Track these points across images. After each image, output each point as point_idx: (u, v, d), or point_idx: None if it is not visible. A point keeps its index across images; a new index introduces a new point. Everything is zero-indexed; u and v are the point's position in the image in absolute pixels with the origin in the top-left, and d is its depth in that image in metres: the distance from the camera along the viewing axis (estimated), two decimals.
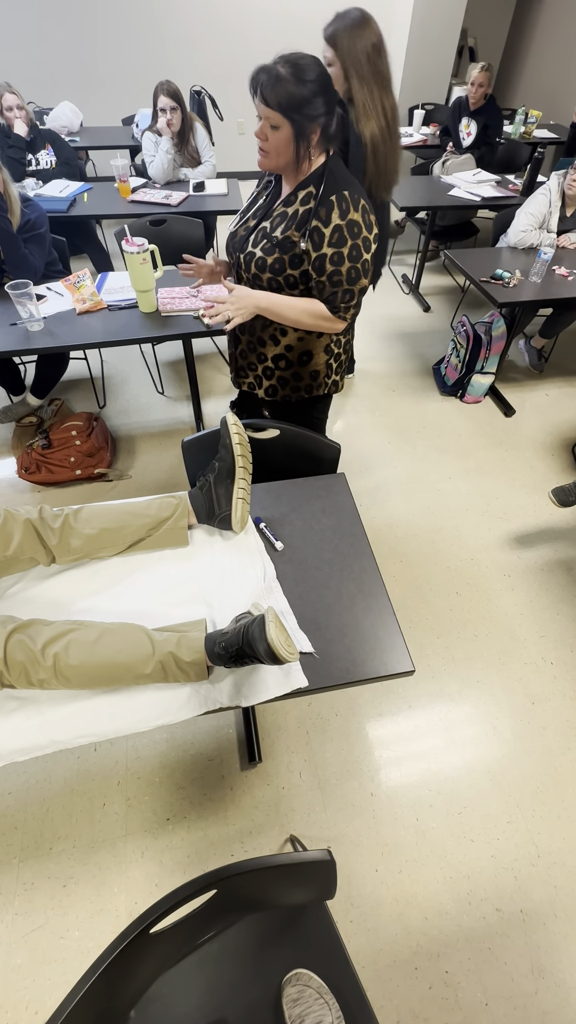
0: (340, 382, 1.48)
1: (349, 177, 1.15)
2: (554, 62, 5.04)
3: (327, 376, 1.43)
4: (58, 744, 0.84)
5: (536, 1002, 1.16)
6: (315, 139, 1.09)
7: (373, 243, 1.16)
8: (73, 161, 3.16)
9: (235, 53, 4.77)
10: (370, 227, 1.15)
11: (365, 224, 1.14)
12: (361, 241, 1.13)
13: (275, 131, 1.06)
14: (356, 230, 1.12)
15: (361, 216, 1.13)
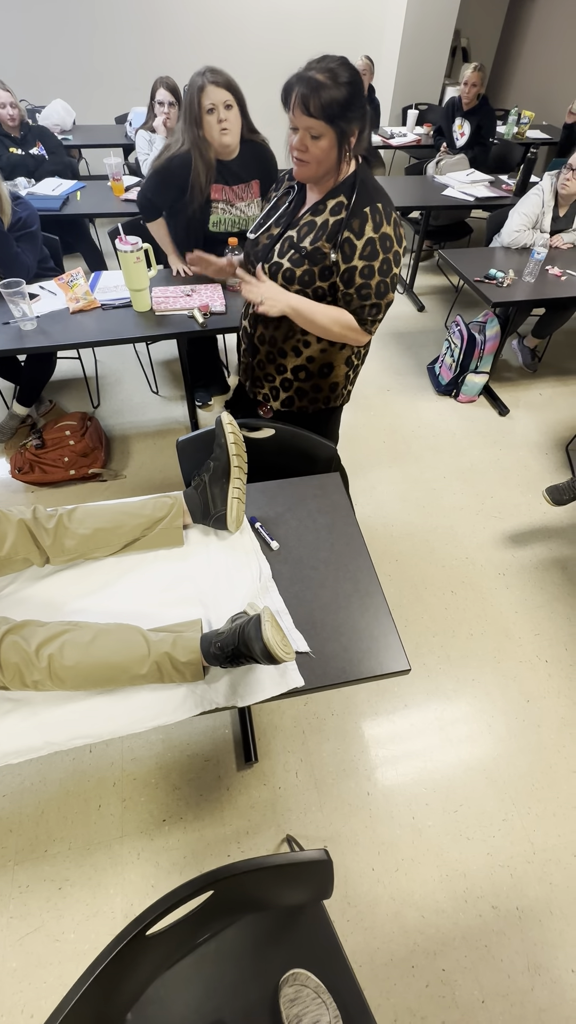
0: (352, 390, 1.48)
1: (380, 187, 1.12)
2: (547, 63, 5.07)
3: (344, 387, 1.42)
4: (53, 746, 0.84)
5: (532, 999, 1.16)
6: (354, 143, 1.05)
7: (402, 255, 1.15)
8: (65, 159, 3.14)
9: (230, 52, 4.76)
10: (400, 240, 1.13)
11: (396, 238, 1.12)
12: (392, 255, 1.11)
13: (316, 140, 1.02)
14: (388, 244, 1.10)
15: (393, 229, 1.11)
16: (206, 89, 1.67)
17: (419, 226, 3.42)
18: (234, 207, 1.92)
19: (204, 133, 1.73)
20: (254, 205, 1.96)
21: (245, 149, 1.84)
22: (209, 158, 1.77)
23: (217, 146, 1.76)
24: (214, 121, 1.70)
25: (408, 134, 4.19)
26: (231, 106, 1.71)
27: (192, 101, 1.69)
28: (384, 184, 3.31)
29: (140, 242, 1.76)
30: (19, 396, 2.33)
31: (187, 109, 1.71)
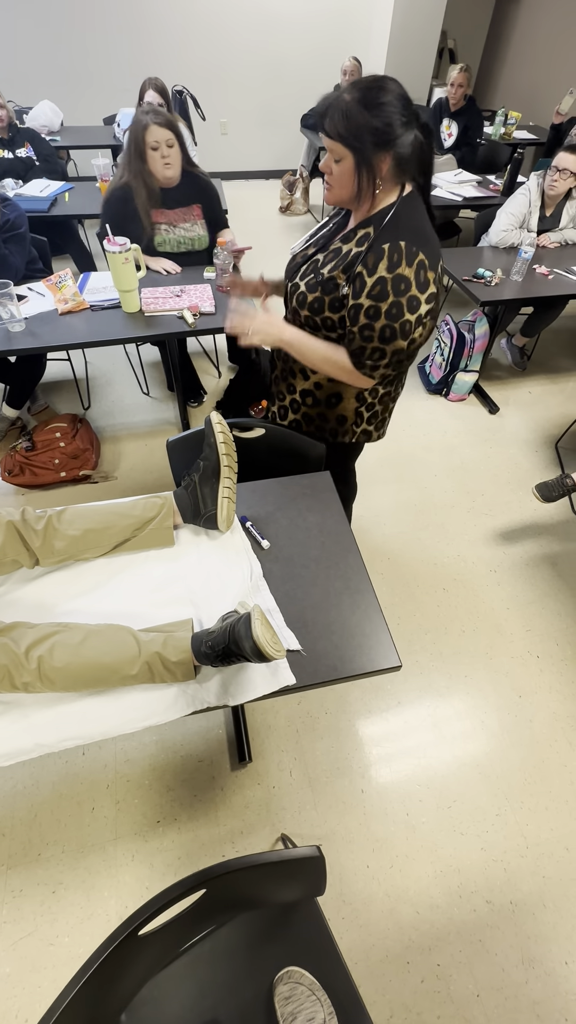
0: (375, 433, 1.36)
1: (418, 224, 1.01)
2: (533, 64, 5.11)
3: (355, 424, 1.31)
4: (44, 748, 0.83)
5: (526, 992, 1.17)
6: (384, 169, 0.96)
7: (424, 303, 1.01)
8: (53, 160, 3.13)
9: (217, 53, 4.76)
10: (424, 285, 1.00)
11: (417, 282, 0.99)
12: (406, 300, 0.99)
13: (338, 164, 0.97)
14: (403, 287, 0.99)
15: (414, 273, 0.98)
16: (150, 128, 1.85)
17: None
18: (176, 228, 2.13)
19: (149, 167, 1.93)
20: (198, 226, 2.17)
21: (185, 179, 2.05)
22: (153, 187, 1.98)
23: (161, 179, 1.98)
24: (158, 157, 1.91)
25: None
26: (172, 145, 1.91)
27: (138, 138, 1.88)
28: None
29: (128, 243, 1.75)
30: (8, 398, 2.32)
31: (132, 144, 1.90)
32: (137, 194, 1.96)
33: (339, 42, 4.92)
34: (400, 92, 0.92)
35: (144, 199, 1.98)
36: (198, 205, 2.12)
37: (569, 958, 1.21)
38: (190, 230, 2.14)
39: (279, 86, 5.08)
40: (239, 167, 5.51)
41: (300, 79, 5.05)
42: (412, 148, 0.95)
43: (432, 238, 1.03)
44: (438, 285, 1.04)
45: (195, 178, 2.07)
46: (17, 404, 2.34)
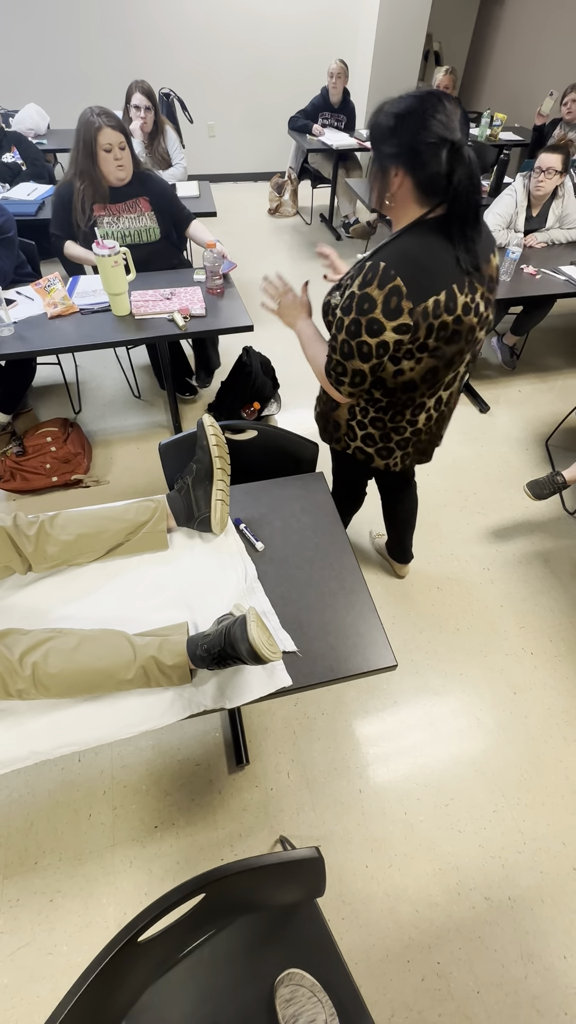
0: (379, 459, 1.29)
1: (416, 252, 0.93)
2: (517, 65, 5.16)
3: (348, 435, 1.29)
4: (39, 755, 0.83)
5: (526, 987, 1.18)
6: (396, 185, 0.91)
7: (391, 331, 0.95)
8: (41, 163, 3.11)
9: (204, 56, 4.76)
10: (392, 313, 0.93)
11: (385, 307, 0.93)
12: (366, 321, 0.95)
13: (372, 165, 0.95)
14: (366, 307, 0.95)
15: (384, 296, 0.92)
16: (103, 130, 1.84)
17: None
18: (120, 219, 2.10)
19: (100, 166, 1.92)
20: (145, 217, 2.14)
21: (133, 178, 2.05)
22: (102, 187, 1.98)
23: (112, 180, 1.98)
24: (111, 159, 1.91)
25: None
26: (124, 147, 1.92)
27: (89, 139, 1.86)
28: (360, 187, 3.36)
29: (118, 246, 1.75)
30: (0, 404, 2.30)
31: (82, 144, 1.88)
32: (76, 191, 1.96)
33: (325, 45, 4.94)
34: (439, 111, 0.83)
35: (89, 194, 1.97)
36: (144, 198, 2.10)
37: (567, 952, 1.22)
38: (136, 221, 2.12)
39: (266, 88, 5.09)
40: (227, 169, 5.51)
41: (287, 81, 5.06)
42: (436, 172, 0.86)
43: (430, 270, 0.93)
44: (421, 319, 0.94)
45: (140, 174, 2.07)
46: (8, 409, 2.32)
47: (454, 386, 1.19)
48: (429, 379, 1.08)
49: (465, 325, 1.00)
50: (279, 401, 2.64)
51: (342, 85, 4.08)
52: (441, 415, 1.24)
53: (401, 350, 0.99)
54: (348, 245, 4.32)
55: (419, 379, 1.07)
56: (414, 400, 1.14)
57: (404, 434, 1.23)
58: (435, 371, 1.06)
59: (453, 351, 1.03)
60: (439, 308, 0.95)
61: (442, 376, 1.09)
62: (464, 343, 1.03)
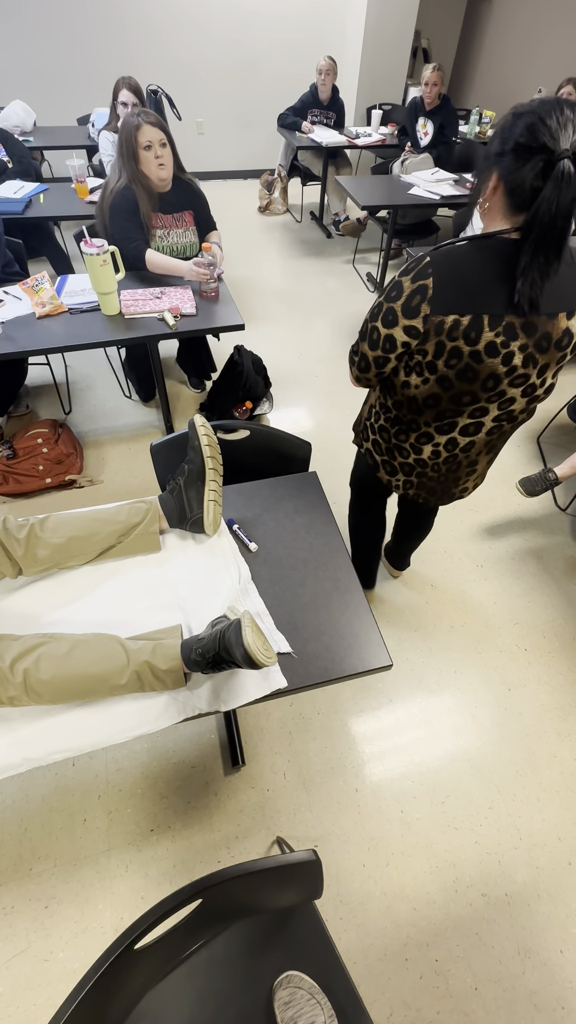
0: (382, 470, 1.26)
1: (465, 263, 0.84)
2: (505, 62, 5.17)
3: (363, 433, 1.28)
4: (32, 762, 0.82)
5: (523, 982, 1.18)
6: (491, 186, 0.81)
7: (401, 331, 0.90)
8: (27, 161, 3.08)
9: (192, 52, 4.73)
10: (409, 311, 0.88)
11: (406, 303, 0.87)
12: (386, 308, 0.91)
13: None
14: (393, 294, 0.90)
15: (409, 292, 0.87)
16: (142, 128, 1.84)
17: (387, 225, 3.46)
18: (170, 234, 2.11)
19: (142, 167, 1.91)
20: (190, 233, 2.16)
21: (176, 184, 2.04)
22: (150, 188, 1.96)
23: (155, 179, 1.95)
24: (151, 157, 1.88)
25: (373, 134, 4.22)
26: (165, 144, 1.90)
27: (130, 138, 1.85)
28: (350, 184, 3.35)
29: (106, 244, 1.73)
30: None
31: (124, 145, 1.87)
32: (139, 197, 1.95)
33: (314, 41, 4.93)
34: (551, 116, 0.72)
35: (145, 202, 1.97)
36: (190, 212, 2.12)
37: (564, 947, 1.23)
38: (183, 236, 2.14)
39: (255, 85, 5.06)
40: (217, 167, 5.48)
41: (276, 78, 5.04)
42: (522, 182, 0.76)
43: (467, 287, 0.83)
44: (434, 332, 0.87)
45: (186, 184, 2.08)
46: (1, 411, 2.30)
47: (476, 436, 1.07)
48: (432, 406, 1.00)
49: (485, 367, 0.89)
50: (271, 400, 2.63)
51: (331, 82, 4.07)
52: (454, 459, 1.13)
53: (413, 360, 0.94)
54: (338, 243, 4.32)
55: (422, 402, 1.01)
56: (418, 425, 1.07)
57: (407, 458, 1.17)
58: (438, 400, 0.98)
59: (463, 389, 0.94)
60: (456, 331, 0.86)
61: (448, 412, 1.00)
62: (479, 388, 0.93)
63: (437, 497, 1.27)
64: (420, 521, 1.64)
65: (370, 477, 1.34)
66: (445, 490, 1.24)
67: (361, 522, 1.64)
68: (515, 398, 0.96)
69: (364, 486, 1.47)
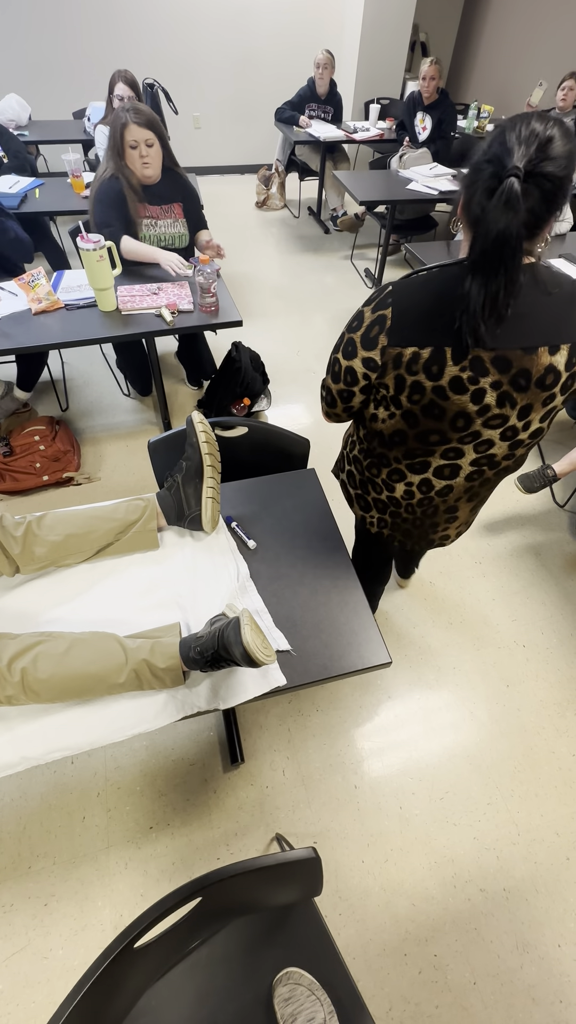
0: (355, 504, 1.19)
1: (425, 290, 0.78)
2: (504, 57, 5.14)
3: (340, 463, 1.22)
4: (30, 761, 0.81)
5: (521, 976, 1.19)
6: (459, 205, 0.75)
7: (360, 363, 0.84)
8: (23, 155, 3.05)
9: (189, 45, 4.69)
10: (367, 342, 0.82)
11: (365, 334, 0.82)
12: (347, 339, 0.86)
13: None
14: (354, 324, 0.84)
15: (369, 322, 0.81)
16: (129, 127, 1.82)
17: (385, 220, 3.44)
18: (158, 224, 2.09)
19: (127, 163, 1.91)
20: (179, 224, 2.13)
21: (166, 176, 2.01)
22: (134, 183, 1.96)
23: (140, 176, 1.95)
24: (136, 156, 1.88)
25: (371, 129, 4.20)
26: (152, 144, 1.88)
27: (116, 135, 1.84)
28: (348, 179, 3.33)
29: (103, 240, 1.72)
30: (19, 382, 2.37)
31: (111, 140, 1.87)
32: (125, 188, 1.94)
33: (312, 35, 4.89)
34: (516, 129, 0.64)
35: (130, 192, 1.96)
36: (179, 204, 2.10)
37: (562, 941, 1.23)
38: (171, 227, 2.11)
39: (252, 79, 5.02)
40: (214, 162, 5.44)
41: (273, 72, 5.01)
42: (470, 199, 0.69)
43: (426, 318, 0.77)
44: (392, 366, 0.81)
45: (176, 176, 2.05)
46: (27, 387, 2.38)
47: (453, 480, 0.97)
48: (399, 443, 0.93)
49: (452, 404, 0.80)
50: (269, 397, 2.62)
51: (329, 76, 4.04)
52: (429, 502, 1.04)
53: (378, 393, 0.88)
54: (336, 239, 4.30)
55: (388, 437, 0.94)
56: (388, 460, 0.99)
57: (380, 495, 1.09)
58: (404, 437, 0.91)
59: (429, 426, 0.86)
60: (416, 364, 0.79)
61: (415, 448, 0.92)
62: (448, 427, 0.84)
63: (414, 540, 1.18)
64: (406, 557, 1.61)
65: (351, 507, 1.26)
66: (422, 534, 1.15)
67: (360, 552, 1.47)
68: (493, 441, 0.86)
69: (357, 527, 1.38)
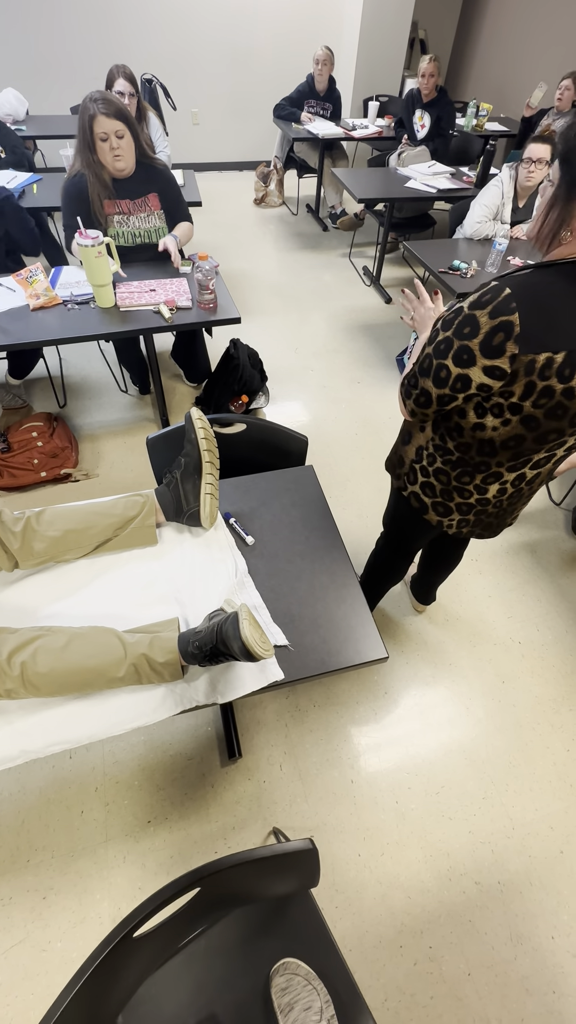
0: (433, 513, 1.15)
1: (546, 293, 0.75)
2: (503, 56, 5.14)
3: (409, 476, 1.15)
4: (29, 754, 0.82)
5: (515, 967, 1.20)
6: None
7: (480, 372, 0.80)
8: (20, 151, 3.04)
9: (187, 40, 4.67)
10: (490, 351, 0.78)
11: (485, 342, 0.78)
12: (459, 346, 0.81)
13: (549, 187, 0.79)
14: (466, 331, 0.79)
15: (488, 328, 0.77)
16: (97, 119, 1.74)
17: (383, 218, 3.45)
18: (130, 219, 2.02)
19: (98, 157, 1.83)
20: (154, 217, 2.06)
21: (140, 169, 1.94)
22: (104, 178, 1.89)
23: (112, 170, 1.88)
24: (107, 148, 1.81)
25: (370, 126, 4.19)
26: (123, 135, 1.80)
27: (85, 128, 1.77)
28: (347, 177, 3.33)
29: (101, 236, 1.71)
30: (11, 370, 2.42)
31: (80, 134, 1.79)
32: (90, 184, 1.87)
33: (311, 31, 4.88)
34: None
35: (96, 189, 1.88)
36: (154, 194, 2.02)
37: (555, 932, 1.25)
38: (146, 221, 2.04)
39: (251, 75, 5.01)
40: (212, 158, 5.43)
41: (272, 68, 4.99)
42: None
43: (559, 321, 0.75)
44: (523, 372, 0.78)
45: (150, 167, 1.97)
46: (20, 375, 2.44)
47: (544, 467, 0.99)
48: (512, 448, 0.90)
49: (575, 404, 0.81)
50: (267, 394, 2.62)
51: (328, 72, 4.03)
52: (519, 492, 1.05)
53: (490, 401, 0.84)
54: (335, 236, 4.30)
55: (499, 444, 0.91)
56: (489, 466, 0.97)
57: (468, 499, 1.07)
58: (520, 441, 0.89)
59: (550, 427, 0.85)
60: (550, 369, 0.77)
61: (528, 451, 0.91)
62: (567, 423, 0.85)
63: (491, 531, 1.18)
64: (454, 552, 1.55)
65: (414, 518, 1.23)
66: (500, 523, 1.17)
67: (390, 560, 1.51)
68: None
69: (405, 526, 1.34)
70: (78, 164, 1.88)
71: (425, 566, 1.67)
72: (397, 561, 1.50)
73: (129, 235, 2.05)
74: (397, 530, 1.39)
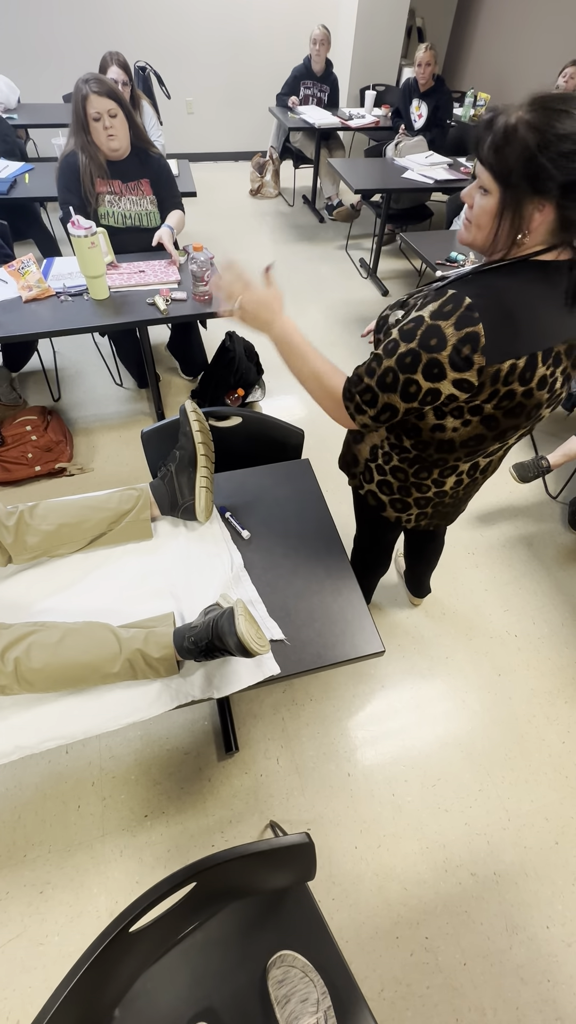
0: (392, 511, 1.15)
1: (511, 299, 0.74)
2: (501, 43, 5.09)
3: (364, 475, 1.13)
4: (24, 750, 0.81)
5: (511, 957, 1.21)
6: (537, 221, 0.70)
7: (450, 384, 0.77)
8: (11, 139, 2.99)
9: (181, 28, 4.60)
10: (458, 364, 0.74)
11: (453, 355, 0.74)
12: (428, 360, 0.76)
13: (483, 196, 0.73)
14: (433, 343, 0.74)
15: (455, 340, 0.73)
16: (90, 98, 1.74)
17: (380, 209, 3.42)
18: (122, 200, 2.01)
19: (92, 138, 1.84)
20: (146, 201, 2.06)
21: (134, 154, 1.96)
22: (98, 159, 1.89)
23: (106, 150, 1.88)
24: (100, 128, 1.81)
25: (367, 116, 4.15)
26: (116, 115, 1.81)
27: (78, 108, 1.78)
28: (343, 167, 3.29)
29: (94, 226, 1.69)
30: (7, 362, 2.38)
31: (74, 115, 1.81)
32: (83, 165, 1.87)
33: (307, 19, 4.81)
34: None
35: (88, 169, 1.88)
36: (146, 180, 2.02)
37: (550, 922, 1.26)
38: (137, 204, 2.03)
39: (247, 64, 4.94)
40: (207, 148, 5.37)
41: (268, 57, 4.93)
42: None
43: (519, 328, 0.74)
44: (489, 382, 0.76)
45: (145, 154, 1.98)
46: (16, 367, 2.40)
47: (497, 455, 1.02)
48: (471, 445, 0.91)
49: (533, 400, 0.81)
50: (263, 387, 2.61)
51: (325, 52, 3.97)
52: (474, 481, 1.07)
53: (450, 405, 0.82)
54: (331, 228, 4.26)
55: (459, 443, 0.90)
56: (447, 461, 0.98)
57: (426, 493, 1.08)
58: (481, 440, 0.89)
59: (510, 424, 0.85)
60: (513, 375, 0.76)
61: (487, 446, 0.92)
62: (524, 419, 0.85)
63: (449, 520, 1.22)
64: (429, 544, 1.56)
65: (373, 515, 1.22)
66: (456, 511, 1.19)
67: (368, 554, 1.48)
68: (544, 415, 0.89)
69: (367, 523, 1.35)
70: (71, 144, 1.87)
71: (409, 558, 1.70)
72: (374, 555, 1.49)
73: (119, 216, 2.03)
74: (362, 526, 1.38)
